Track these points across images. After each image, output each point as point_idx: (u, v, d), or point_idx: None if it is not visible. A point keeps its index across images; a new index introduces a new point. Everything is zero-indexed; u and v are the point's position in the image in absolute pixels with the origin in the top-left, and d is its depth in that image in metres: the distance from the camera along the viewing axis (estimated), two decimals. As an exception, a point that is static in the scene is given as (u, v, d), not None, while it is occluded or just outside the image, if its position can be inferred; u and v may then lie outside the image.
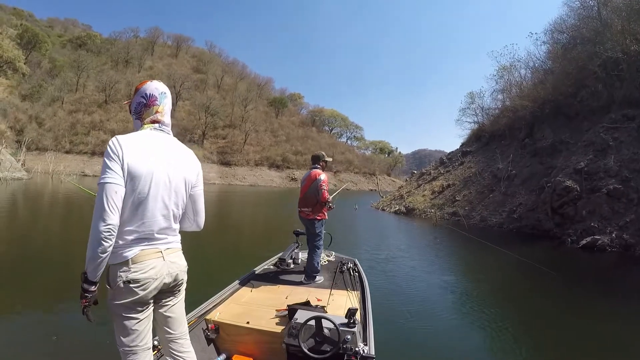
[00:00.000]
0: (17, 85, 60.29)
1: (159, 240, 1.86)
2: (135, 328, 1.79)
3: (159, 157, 1.84)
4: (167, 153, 1.91)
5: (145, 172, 1.76)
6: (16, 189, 22.43)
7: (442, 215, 18.21)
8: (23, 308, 4.79)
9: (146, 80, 2.02)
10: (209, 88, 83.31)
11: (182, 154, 2.00)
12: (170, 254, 1.91)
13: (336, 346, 2.51)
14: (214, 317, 3.15)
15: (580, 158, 13.25)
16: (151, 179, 1.78)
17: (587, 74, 16.63)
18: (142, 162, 1.75)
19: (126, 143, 1.74)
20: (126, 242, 1.75)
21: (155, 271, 1.80)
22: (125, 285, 1.72)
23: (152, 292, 1.82)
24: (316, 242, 4.77)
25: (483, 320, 5.27)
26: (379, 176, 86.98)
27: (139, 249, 1.77)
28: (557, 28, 22.49)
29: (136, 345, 1.81)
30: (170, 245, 1.92)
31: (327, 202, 4.79)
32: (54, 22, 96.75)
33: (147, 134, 1.90)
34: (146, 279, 1.77)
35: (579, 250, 10.29)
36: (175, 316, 2.03)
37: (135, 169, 1.73)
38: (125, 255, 1.74)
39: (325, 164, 5.04)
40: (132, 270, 1.74)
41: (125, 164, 1.70)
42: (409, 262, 8.93)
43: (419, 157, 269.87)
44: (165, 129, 1.99)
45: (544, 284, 7.26)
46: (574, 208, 11.83)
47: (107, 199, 1.64)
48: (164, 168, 1.85)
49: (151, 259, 1.80)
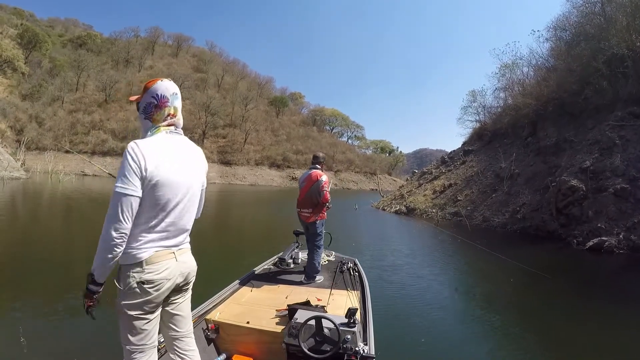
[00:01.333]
0: (18, 84, 60.39)
1: (172, 241, 1.87)
2: (144, 328, 1.82)
3: (179, 164, 1.86)
4: (185, 159, 1.92)
5: (167, 181, 1.78)
6: (13, 189, 22.24)
7: (444, 215, 17.89)
8: (22, 307, 4.79)
9: (156, 78, 1.98)
10: (209, 87, 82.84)
11: (196, 157, 2.02)
12: (182, 254, 1.93)
13: (336, 346, 2.51)
14: (214, 317, 3.16)
15: (585, 157, 12.93)
16: (173, 187, 1.81)
17: (592, 71, 16.23)
18: (164, 171, 1.77)
19: (146, 150, 1.74)
20: (141, 243, 1.76)
21: (169, 272, 1.83)
22: (139, 285, 1.74)
23: (164, 293, 1.84)
24: (316, 242, 4.77)
25: (483, 320, 5.34)
26: (379, 176, 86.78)
27: (153, 250, 1.78)
28: (560, 25, 22.13)
29: (144, 344, 1.83)
30: (182, 246, 1.95)
31: (328, 203, 4.81)
32: (54, 22, 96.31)
33: (164, 138, 1.89)
34: (160, 280, 1.79)
35: (585, 252, 9.93)
36: (182, 314, 2.06)
37: (157, 178, 1.74)
38: (140, 257, 1.74)
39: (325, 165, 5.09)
40: (146, 272, 1.75)
41: (146, 172, 1.70)
42: (409, 262, 8.87)
43: (420, 157, 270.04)
44: (179, 131, 2.00)
45: (547, 286, 6.97)
46: (580, 208, 11.51)
47: (122, 209, 1.65)
48: (185, 176, 1.88)
49: (165, 259, 1.82)
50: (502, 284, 7.29)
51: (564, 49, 20.68)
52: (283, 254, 5.17)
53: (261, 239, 12.14)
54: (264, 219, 17.36)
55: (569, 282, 7.48)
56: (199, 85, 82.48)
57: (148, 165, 1.70)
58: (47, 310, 4.73)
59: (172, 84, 1.99)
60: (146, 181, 1.70)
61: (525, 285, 7.18)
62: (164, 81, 1.96)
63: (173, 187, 1.80)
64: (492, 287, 7.23)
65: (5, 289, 5.50)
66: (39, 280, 5.91)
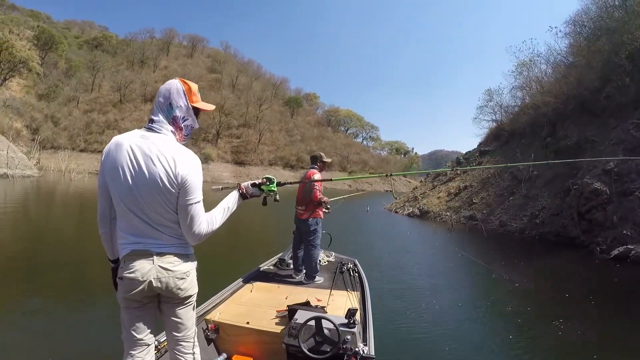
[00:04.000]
0: (34, 85, 61.81)
1: (150, 243, 1.81)
2: (130, 322, 1.85)
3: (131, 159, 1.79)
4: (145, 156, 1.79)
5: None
6: (23, 187, 22.65)
7: (458, 218, 17.18)
8: (25, 307, 4.93)
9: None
10: (223, 88, 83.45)
11: (161, 156, 1.81)
12: (163, 258, 1.83)
13: (336, 346, 2.51)
14: (214, 317, 3.17)
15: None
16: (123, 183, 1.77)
17: (613, 67, 15.38)
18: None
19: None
20: (121, 240, 1.82)
21: (142, 273, 1.77)
22: (119, 281, 1.81)
23: (138, 294, 1.79)
24: (311, 241, 4.73)
25: (483, 321, 5.32)
26: (394, 177, 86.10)
27: (130, 249, 1.79)
28: (579, 20, 21.20)
29: (132, 338, 1.85)
30: (164, 250, 1.84)
31: (322, 202, 4.81)
32: (71, 24, 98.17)
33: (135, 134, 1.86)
34: (132, 279, 1.77)
35: (609, 261, 9.09)
36: (180, 320, 1.98)
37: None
38: (122, 252, 1.81)
39: (324, 165, 5.02)
40: (122, 269, 1.79)
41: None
42: (409, 263, 8.93)
43: (435, 158, 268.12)
44: (154, 127, 1.87)
45: (561, 290, 6.44)
46: (603, 213, 10.73)
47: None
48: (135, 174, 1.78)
49: (138, 260, 1.78)
50: (506, 288, 6.83)
51: (583, 44, 19.76)
52: (283, 255, 5.28)
53: (261, 239, 12.12)
54: (271, 220, 16.90)
55: (593, 295, 6.76)
56: (214, 85, 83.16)
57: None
58: (52, 308, 4.93)
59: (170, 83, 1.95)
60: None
61: (535, 293, 6.68)
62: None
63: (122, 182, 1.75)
64: (494, 288, 7.07)
65: (5, 289, 5.64)
66: (36, 279, 6.02)
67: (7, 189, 20.42)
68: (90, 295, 5.47)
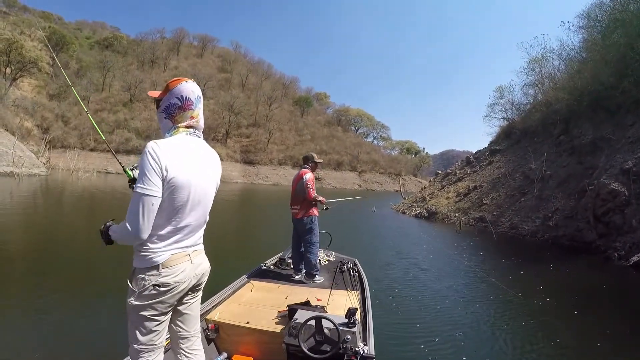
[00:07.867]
0: (45, 85, 62.78)
1: (187, 242, 1.85)
2: (155, 328, 1.80)
3: (196, 166, 1.84)
4: (203, 161, 1.91)
5: (186, 183, 1.76)
6: (30, 185, 22.69)
7: (467, 220, 16.55)
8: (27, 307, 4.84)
9: (180, 78, 1.93)
10: (233, 87, 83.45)
11: (212, 160, 2.00)
12: (197, 256, 1.92)
13: (336, 346, 2.51)
14: (214, 316, 3.17)
15: (626, 156, 11.43)
16: (191, 190, 1.79)
17: (629, 61, 14.61)
18: (183, 173, 1.75)
19: (167, 151, 1.72)
20: (157, 246, 1.74)
21: (185, 274, 1.82)
22: (155, 288, 1.72)
23: (179, 295, 1.82)
24: (309, 239, 4.77)
25: (484, 321, 5.24)
26: (404, 177, 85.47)
27: (170, 254, 1.77)
28: (592, 15, 20.37)
29: (153, 344, 1.81)
30: (196, 247, 1.93)
31: (316, 200, 4.86)
32: (82, 25, 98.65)
33: (183, 139, 1.86)
34: (176, 283, 1.77)
35: (628, 268, 8.42)
36: (192, 314, 2.03)
37: (177, 180, 1.72)
38: (156, 260, 1.73)
39: (316, 165, 5.10)
40: (162, 275, 1.74)
41: (167, 173, 1.69)
42: (409, 263, 8.88)
43: (447, 158, 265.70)
44: (199, 134, 1.97)
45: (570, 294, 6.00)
46: (622, 216, 10.05)
47: (143, 212, 1.64)
48: (202, 178, 1.87)
49: (181, 262, 1.81)
50: (511, 299, 6.28)
51: (597, 38, 18.95)
52: (283, 254, 5.33)
53: (262, 239, 12.01)
54: (276, 219, 16.80)
55: (611, 307, 6.18)
56: (223, 85, 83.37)
57: (168, 166, 1.69)
58: (52, 307, 4.81)
59: (197, 87, 1.96)
60: (165, 182, 1.69)
61: (540, 294, 6.10)
62: (189, 83, 1.92)
63: (190, 189, 1.78)
64: (495, 289, 6.87)
65: (5, 289, 5.55)
66: (37, 279, 5.92)
67: (12, 187, 20.37)
68: (100, 295, 5.27)
